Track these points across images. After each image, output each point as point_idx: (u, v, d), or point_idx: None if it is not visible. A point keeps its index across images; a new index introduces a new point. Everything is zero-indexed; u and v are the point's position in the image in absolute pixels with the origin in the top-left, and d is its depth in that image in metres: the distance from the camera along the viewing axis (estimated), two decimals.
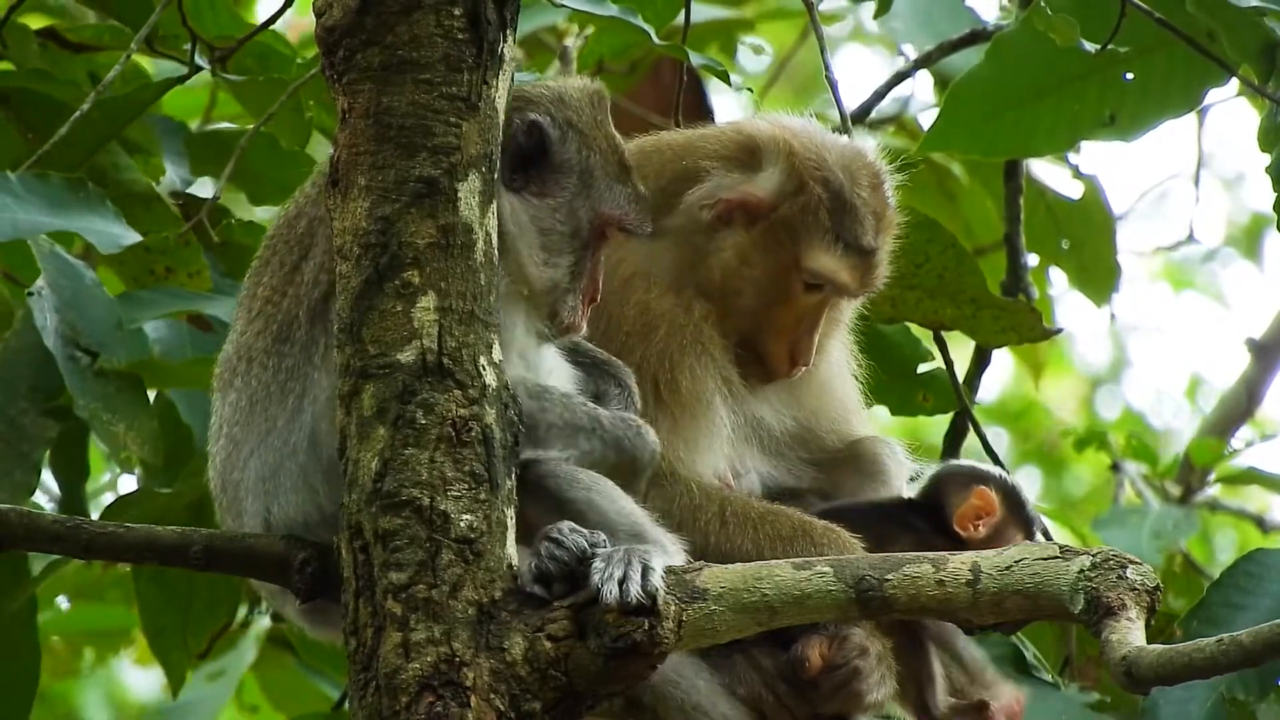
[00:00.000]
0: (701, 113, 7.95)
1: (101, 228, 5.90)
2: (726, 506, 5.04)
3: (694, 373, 5.11)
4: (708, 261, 5.19)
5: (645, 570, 4.36)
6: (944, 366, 6.25)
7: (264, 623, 7.60)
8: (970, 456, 7.29)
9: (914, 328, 6.17)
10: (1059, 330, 6.27)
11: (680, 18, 6.30)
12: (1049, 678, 5.74)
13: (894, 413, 6.15)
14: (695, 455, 5.08)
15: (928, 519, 5.21)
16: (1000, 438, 12.83)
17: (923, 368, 6.20)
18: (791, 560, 4.51)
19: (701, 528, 4.99)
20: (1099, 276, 7.91)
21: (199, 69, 6.19)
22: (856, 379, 5.47)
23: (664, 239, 5.18)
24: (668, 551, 4.52)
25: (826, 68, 6.07)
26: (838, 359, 5.43)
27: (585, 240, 4.73)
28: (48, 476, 6.17)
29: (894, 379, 5.74)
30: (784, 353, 5.23)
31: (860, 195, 5.19)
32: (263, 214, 6.66)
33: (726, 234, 5.19)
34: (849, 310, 5.40)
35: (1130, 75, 6.25)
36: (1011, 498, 5.23)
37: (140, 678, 10.03)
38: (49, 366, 5.74)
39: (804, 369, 5.26)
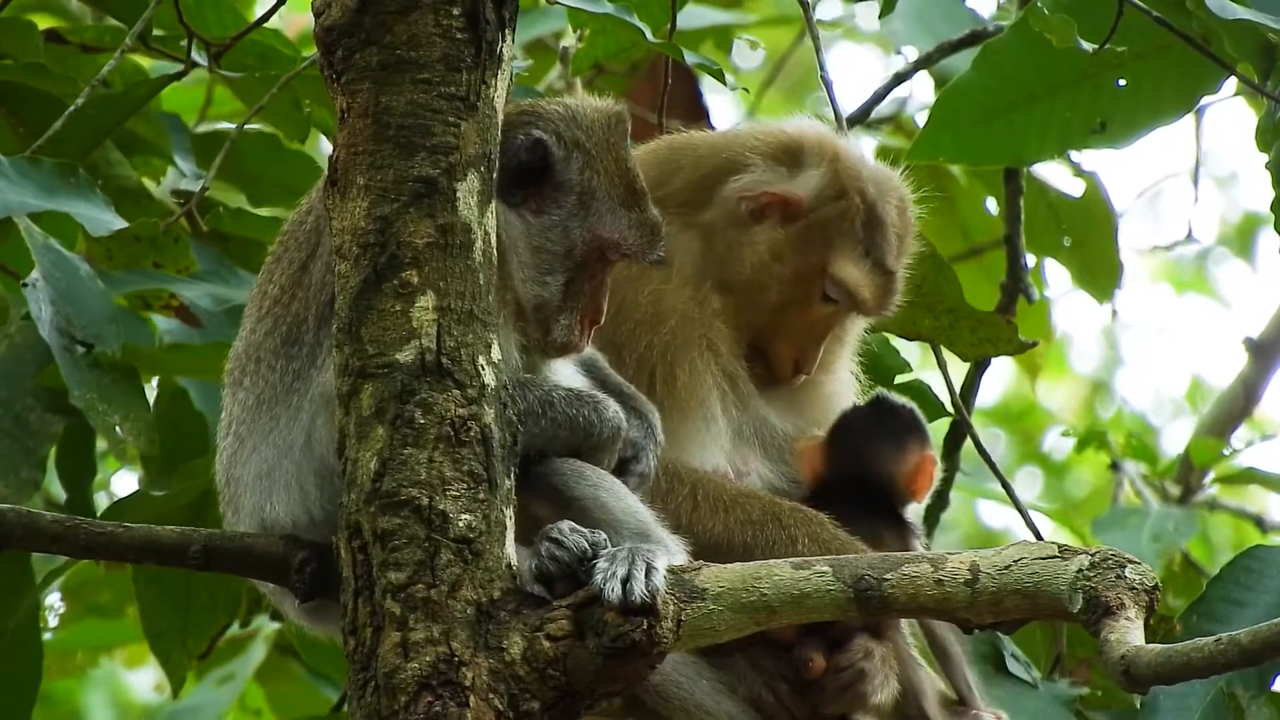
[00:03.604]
0: (696, 112, 7.96)
1: (90, 213, 5.91)
2: (698, 490, 5.07)
3: (694, 367, 5.14)
4: (740, 254, 5.23)
5: (649, 570, 4.37)
6: (922, 378, 6.25)
7: (271, 627, 7.61)
8: (968, 460, 7.29)
9: (895, 338, 6.17)
10: (1034, 344, 6.27)
11: (679, 18, 6.29)
12: (1028, 677, 5.74)
13: None
14: (677, 448, 5.09)
15: (854, 495, 5.18)
16: (999, 439, 12.84)
17: (901, 378, 6.19)
18: (791, 560, 4.52)
19: (673, 511, 5.01)
20: (1101, 274, 7.90)
21: (195, 65, 6.19)
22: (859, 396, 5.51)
23: (690, 231, 5.24)
24: (671, 551, 4.53)
25: (822, 68, 6.08)
26: (844, 376, 5.47)
27: (580, 261, 4.71)
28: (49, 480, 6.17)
29: (874, 389, 5.72)
30: (790, 358, 5.27)
31: (890, 214, 5.27)
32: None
33: (761, 228, 5.24)
34: (857, 329, 5.43)
35: (1123, 81, 6.23)
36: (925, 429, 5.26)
37: (141, 678, 10.02)
38: (52, 362, 5.73)
39: (804, 377, 5.29)
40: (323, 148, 7.98)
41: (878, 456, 5.24)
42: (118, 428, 5.71)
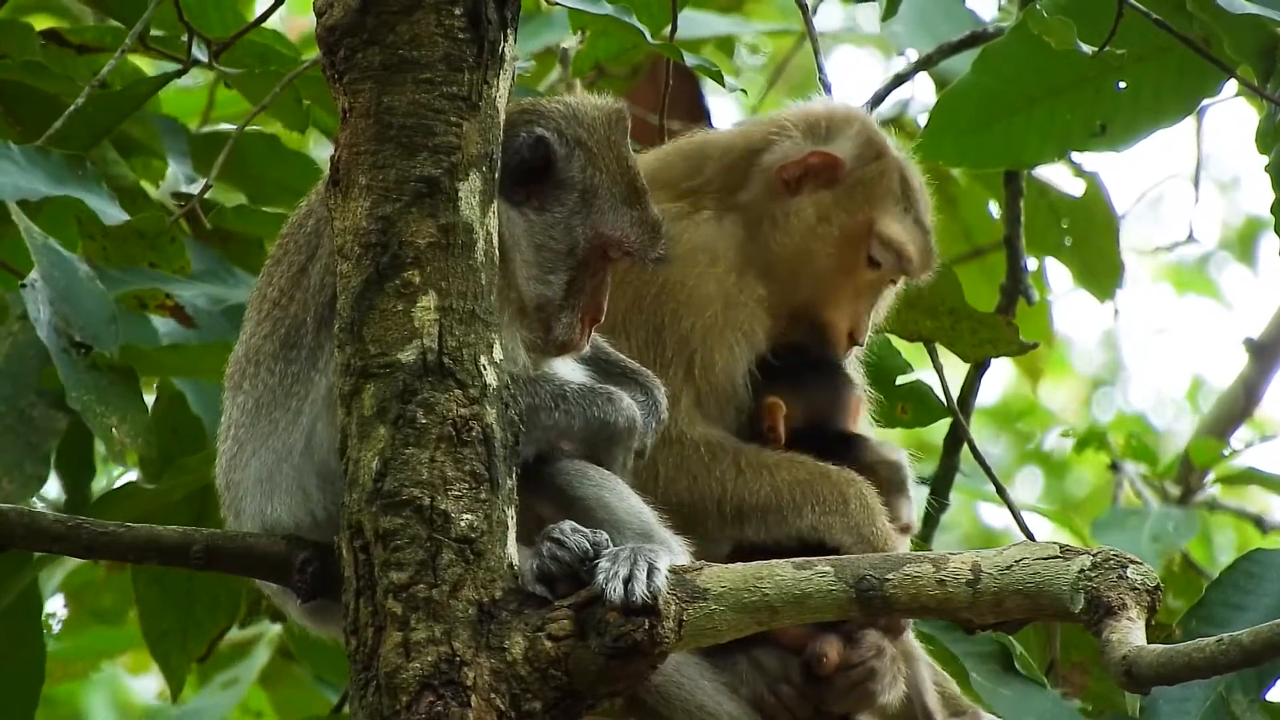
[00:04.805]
0: (697, 113, 7.97)
1: (96, 204, 5.92)
2: (741, 457, 5.10)
3: (733, 352, 5.18)
4: (786, 224, 5.27)
5: (651, 570, 4.37)
6: (923, 379, 6.26)
7: (274, 631, 7.61)
8: (967, 462, 7.30)
9: (896, 339, 6.17)
10: (1035, 345, 6.29)
11: (681, 24, 6.31)
12: (1035, 677, 5.74)
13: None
14: (710, 427, 5.11)
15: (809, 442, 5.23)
16: (999, 442, 12.85)
17: (902, 379, 6.19)
18: (792, 560, 4.52)
19: (718, 478, 5.04)
20: (1102, 273, 7.91)
21: (196, 63, 6.20)
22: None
23: (730, 215, 5.28)
24: (674, 551, 4.54)
25: (821, 71, 6.10)
26: (856, 378, 5.49)
27: (582, 259, 4.71)
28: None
29: (873, 390, 5.75)
30: (845, 329, 5.30)
31: (917, 176, 5.36)
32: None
33: (803, 196, 5.28)
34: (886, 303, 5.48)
35: (1123, 84, 6.23)
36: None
37: (145, 684, 10.02)
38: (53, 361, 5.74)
39: (858, 348, 5.35)
40: (323, 148, 7.99)
41: (837, 407, 5.29)
42: (114, 429, 5.71)
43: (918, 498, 5.35)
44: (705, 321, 5.15)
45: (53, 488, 6.67)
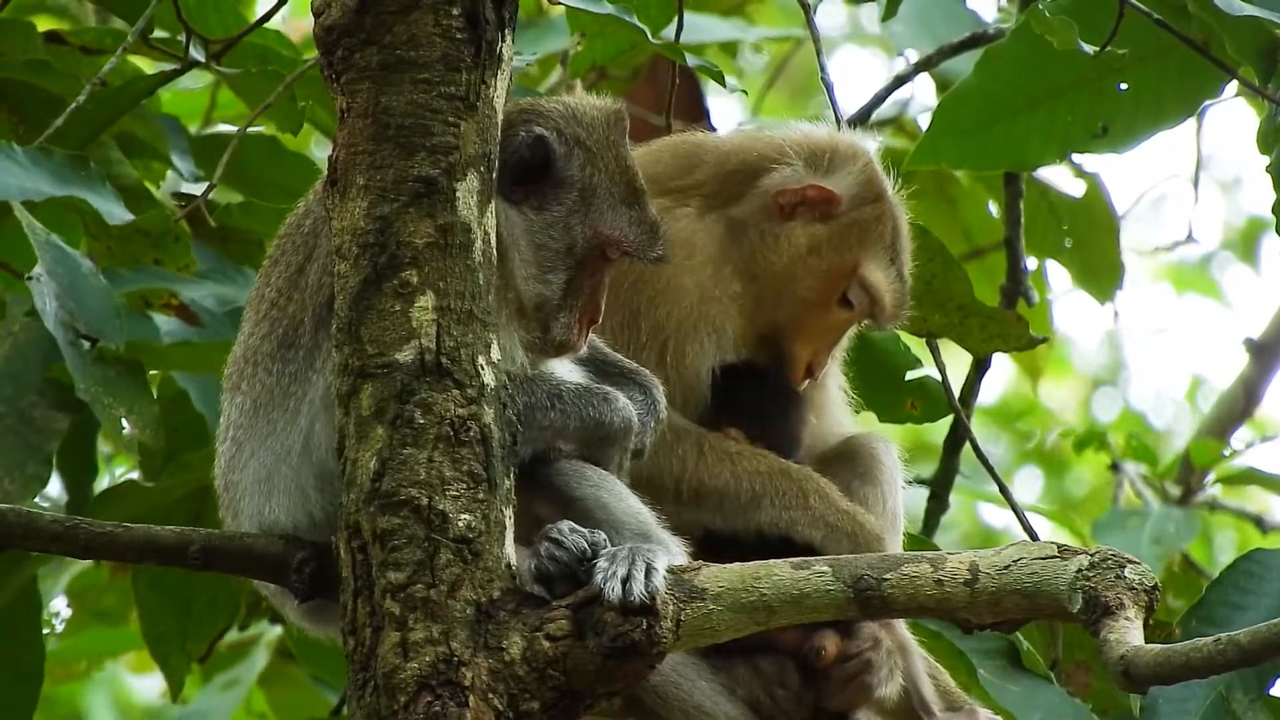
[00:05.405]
0: (697, 114, 7.97)
1: (100, 204, 5.93)
2: (704, 441, 5.12)
3: (703, 345, 5.19)
4: (776, 245, 5.26)
5: (649, 570, 4.37)
6: (934, 373, 6.26)
7: (273, 633, 7.62)
8: (967, 461, 7.31)
9: (903, 335, 6.18)
10: (1044, 339, 6.29)
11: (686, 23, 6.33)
12: (1042, 673, 5.74)
13: (881, 420, 6.16)
14: (675, 414, 5.12)
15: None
16: (999, 441, 12.85)
17: (911, 375, 6.20)
18: (790, 560, 4.52)
19: (680, 456, 5.06)
20: (1102, 274, 7.91)
21: (195, 63, 6.20)
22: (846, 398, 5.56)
23: (713, 215, 5.27)
24: (672, 551, 4.54)
25: (822, 70, 6.10)
26: (837, 380, 5.49)
27: (580, 259, 4.72)
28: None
29: (882, 386, 5.74)
30: (805, 360, 5.30)
31: (905, 224, 5.35)
32: None
33: (796, 223, 5.27)
34: (846, 344, 5.47)
35: (1124, 85, 6.23)
36: None
37: (147, 684, 10.03)
38: (57, 358, 5.74)
39: (811, 382, 5.33)
40: (321, 149, 8.00)
41: (792, 438, 5.30)
42: (123, 420, 5.72)
43: (904, 491, 5.36)
44: (681, 311, 5.16)
45: (55, 487, 6.70)
